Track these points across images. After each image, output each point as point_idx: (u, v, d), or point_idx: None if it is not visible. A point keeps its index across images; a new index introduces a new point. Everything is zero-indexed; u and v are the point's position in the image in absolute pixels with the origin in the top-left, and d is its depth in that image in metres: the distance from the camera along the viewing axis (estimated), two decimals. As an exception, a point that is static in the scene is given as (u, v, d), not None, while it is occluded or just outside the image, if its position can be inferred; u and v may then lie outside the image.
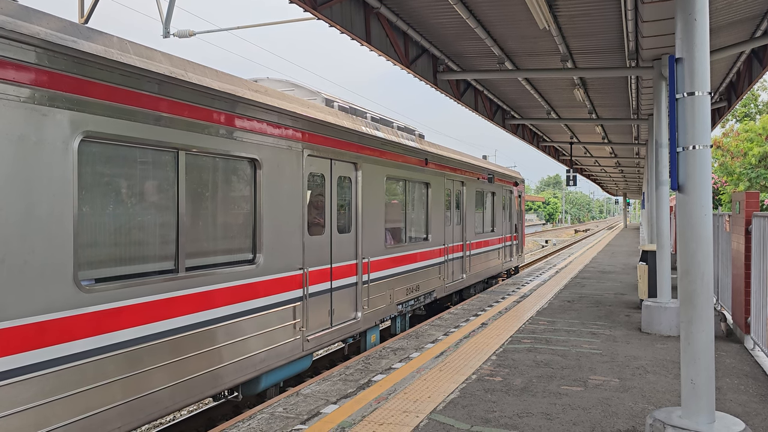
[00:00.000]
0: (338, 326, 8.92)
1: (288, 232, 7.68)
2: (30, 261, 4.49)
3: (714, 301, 11.13)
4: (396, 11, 10.23)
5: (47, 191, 4.62)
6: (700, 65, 4.76)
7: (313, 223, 8.38)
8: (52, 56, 4.65)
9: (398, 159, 11.17)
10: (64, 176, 4.76)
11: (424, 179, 12.55)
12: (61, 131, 4.74)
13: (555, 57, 12.13)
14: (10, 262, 4.35)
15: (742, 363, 8.13)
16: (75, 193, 4.85)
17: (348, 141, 9.24)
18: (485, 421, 5.94)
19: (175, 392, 5.81)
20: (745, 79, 13.72)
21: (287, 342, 7.64)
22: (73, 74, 4.83)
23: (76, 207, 4.85)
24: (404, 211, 11.69)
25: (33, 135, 4.52)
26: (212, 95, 6.35)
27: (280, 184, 7.50)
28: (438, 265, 13.26)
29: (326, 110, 8.93)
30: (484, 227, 17.10)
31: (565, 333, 10.02)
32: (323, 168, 8.64)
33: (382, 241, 10.49)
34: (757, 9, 9.35)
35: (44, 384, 4.54)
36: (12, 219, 4.37)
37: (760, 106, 36.53)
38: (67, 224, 4.77)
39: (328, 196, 8.79)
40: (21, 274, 4.41)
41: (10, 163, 4.37)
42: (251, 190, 7.09)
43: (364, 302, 9.68)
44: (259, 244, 7.15)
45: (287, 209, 7.66)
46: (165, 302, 5.72)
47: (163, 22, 15.04)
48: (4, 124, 4.32)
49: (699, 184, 4.80)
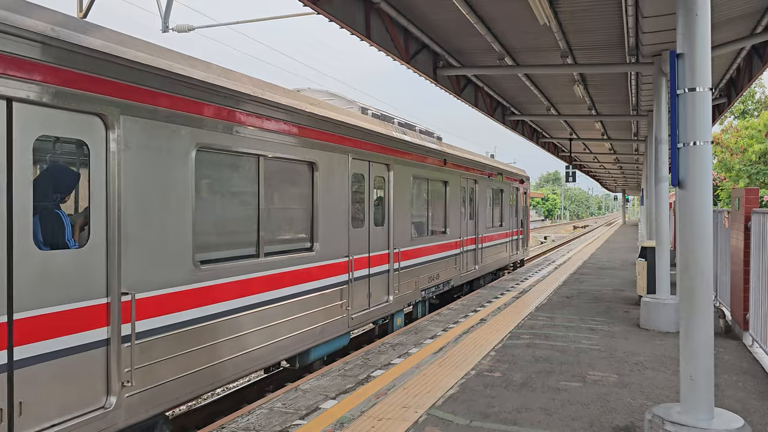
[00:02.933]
0: (375, 308, 10.12)
1: (337, 224, 8.91)
2: (171, 250, 5.74)
3: (712, 298, 11.14)
4: (396, 6, 10.19)
5: (176, 191, 5.83)
6: (701, 61, 4.75)
7: (355, 217, 9.53)
8: (189, 86, 5.98)
9: (422, 160, 12.36)
10: (186, 179, 5.94)
11: (443, 178, 13.69)
12: (185, 144, 5.94)
13: (555, 53, 12.10)
14: (154, 247, 5.55)
15: (740, 360, 8.15)
16: (193, 193, 6.03)
17: (382, 145, 10.46)
18: (484, 416, 5.95)
19: (262, 354, 7.11)
20: (745, 75, 13.70)
21: (336, 319, 8.82)
22: (194, 98, 6.05)
23: (193, 203, 6.03)
24: (427, 207, 12.88)
25: (167, 147, 5.71)
26: (283, 110, 7.51)
27: (331, 184, 8.73)
28: (454, 257, 14.38)
29: (363, 118, 10.17)
30: (493, 222, 18.19)
31: (564, 329, 10.03)
32: (363, 169, 9.86)
33: (410, 233, 11.70)
34: (758, 4, 9.33)
35: (181, 338, 5.89)
36: (157, 213, 5.61)
37: (756, 104, 36.52)
38: (188, 217, 5.96)
39: (366, 194, 10.00)
40: (168, 258, 5.70)
41: (155, 170, 5.58)
42: (310, 189, 8.31)
43: (395, 287, 10.87)
44: (316, 234, 8.37)
45: (336, 205, 8.89)
46: (249, 281, 6.89)
47: (162, 16, 15.00)
48: (152, 138, 5.52)
49: (699, 180, 4.79)
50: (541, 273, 18.70)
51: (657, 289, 10.40)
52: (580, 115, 19.80)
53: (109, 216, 5.14)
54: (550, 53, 12.30)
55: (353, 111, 10.41)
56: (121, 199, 5.22)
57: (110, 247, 5.13)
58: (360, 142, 9.58)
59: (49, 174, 4.97)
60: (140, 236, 5.43)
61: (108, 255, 5.13)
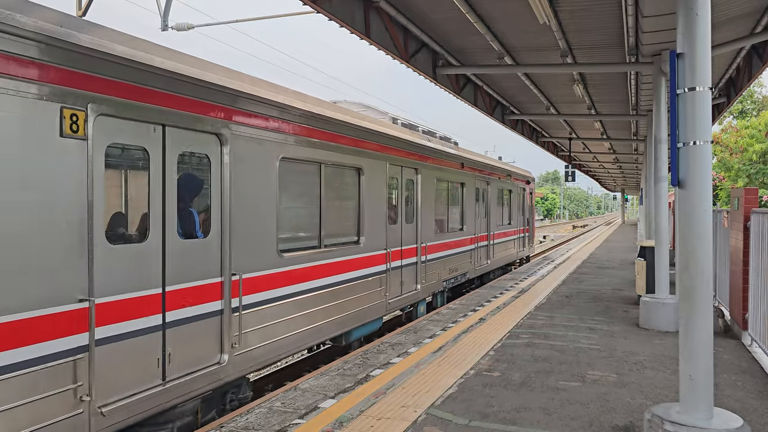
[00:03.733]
0: (406, 295, 11.50)
1: (377, 221, 10.29)
2: (263, 240, 7.14)
3: (712, 297, 11.14)
4: (396, 5, 10.18)
5: (266, 194, 7.20)
6: (701, 60, 4.75)
7: (390, 215, 10.89)
8: (276, 108, 7.35)
9: (444, 164, 13.79)
10: (272, 185, 7.28)
11: (461, 180, 15.11)
12: (272, 156, 7.28)
13: (555, 52, 12.09)
14: (252, 239, 6.95)
15: (739, 359, 8.15)
16: (277, 195, 7.37)
17: (412, 152, 11.86)
18: (483, 415, 5.94)
19: (322, 329, 8.49)
20: (744, 74, 13.69)
21: (376, 303, 10.19)
22: (279, 118, 7.42)
23: (277, 204, 7.37)
24: (447, 207, 14.29)
25: (260, 159, 7.05)
26: (340, 124, 8.89)
27: (373, 186, 10.06)
28: (470, 251, 15.80)
29: (395, 128, 11.50)
30: (503, 220, 19.64)
31: (564, 328, 10.03)
32: (397, 173, 11.21)
33: (434, 230, 13.06)
34: (757, 4, 9.33)
35: (271, 312, 7.28)
36: (254, 211, 6.94)
37: (755, 103, 36.52)
38: (274, 215, 7.33)
39: (399, 195, 11.41)
40: (261, 247, 7.11)
41: (252, 177, 6.90)
42: (357, 191, 9.70)
43: (422, 277, 12.23)
44: (362, 229, 9.73)
45: (377, 204, 10.26)
46: (314, 268, 8.29)
47: (161, 14, 14.98)
48: (250, 152, 6.88)
49: (699, 179, 4.78)
50: (540, 272, 18.70)
51: (656, 289, 10.40)
52: (579, 115, 19.80)
53: (223, 213, 6.49)
54: (550, 52, 12.29)
55: (386, 121, 11.78)
56: (230, 200, 6.55)
57: (223, 237, 6.48)
58: (395, 150, 11.04)
59: (185, 180, 6.14)
60: (243, 230, 6.76)
61: (222, 244, 6.47)
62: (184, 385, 5.87)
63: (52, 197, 4.70)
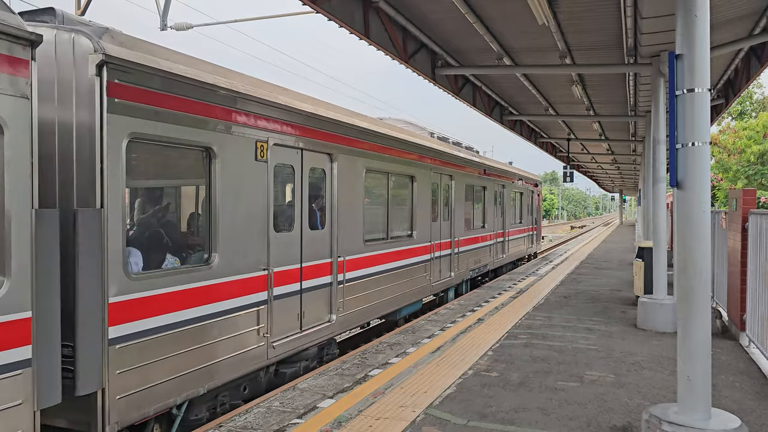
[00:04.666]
0: (444, 280, 13.82)
1: (425, 218, 12.62)
2: (354, 234, 9.42)
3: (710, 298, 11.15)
4: (395, 5, 10.18)
5: (357, 196, 9.50)
6: (700, 62, 4.76)
7: (433, 214, 13.10)
8: (363, 133, 9.67)
9: (471, 171, 16.12)
10: (360, 189, 9.60)
11: (483, 184, 17.39)
12: (361, 168, 9.64)
13: (554, 53, 12.10)
14: (349, 230, 9.23)
15: (737, 360, 8.17)
16: (363, 197, 9.67)
17: (448, 162, 14.22)
18: (482, 416, 5.95)
19: (390, 302, 10.83)
20: (743, 76, 13.71)
21: (423, 286, 12.45)
22: (364, 140, 9.70)
23: (363, 203, 9.67)
24: (473, 207, 16.57)
25: (355, 171, 9.44)
26: (403, 142, 11.31)
27: (421, 191, 12.41)
28: (489, 246, 18.09)
29: (434, 141, 13.77)
30: (515, 219, 21.99)
31: (562, 329, 10.04)
32: (437, 179, 13.48)
33: (464, 227, 15.36)
34: (756, 5, 9.35)
35: (360, 286, 9.62)
36: (350, 209, 9.26)
37: (754, 104, 36.56)
38: (361, 211, 9.61)
39: (439, 197, 13.64)
40: (355, 237, 9.45)
41: (349, 184, 9.19)
42: (410, 194, 12.02)
43: (455, 266, 14.58)
44: (414, 225, 12.09)
45: (424, 205, 12.61)
46: (382, 255, 10.55)
47: (160, 14, 14.97)
48: (348, 166, 9.19)
49: (698, 180, 4.79)
50: (538, 273, 18.72)
51: (654, 290, 10.41)
52: (578, 116, 19.80)
53: (333, 211, 8.77)
54: (549, 53, 12.30)
55: (425, 135, 13.89)
56: (337, 202, 8.84)
57: (333, 229, 8.78)
58: (437, 160, 13.35)
59: (312, 187, 8.34)
60: (344, 223, 9.05)
61: (331, 234, 8.76)
62: (311, 334, 8.18)
63: (256, 200, 7.06)
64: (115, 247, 5.19)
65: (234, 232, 6.64)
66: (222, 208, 6.45)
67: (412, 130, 13.25)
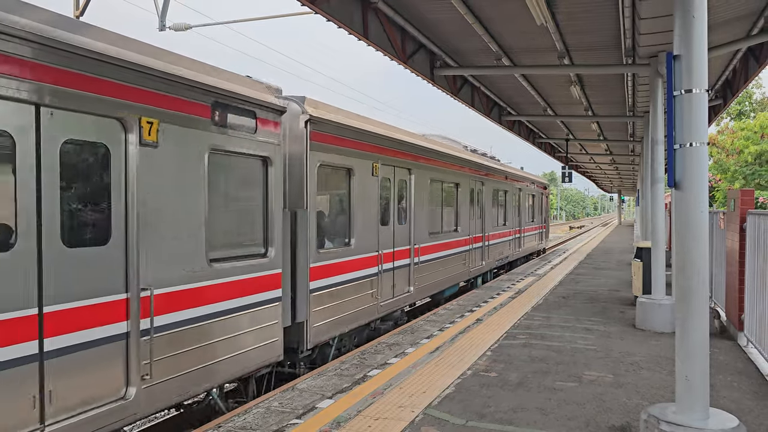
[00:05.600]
0: (477, 267, 17.01)
1: (465, 217, 16.04)
2: (423, 228, 12.54)
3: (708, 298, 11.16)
4: (394, 6, 10.18)
5: (426, 199, 12.48)
6: (698, 62, 4.77)
7: (471, 212, 16.41)
8: (433, 152, 13.34)
9: (496, 177, 19.60)
10: (426, 193, 12.54)
11: (505, 188, 20.92)
12: (428, 178, 12.80)
13: (552, 54, 12.10)
14: (423, 225, 12.54)
15: (735, 360, 8.18)
16: (428, 200, 12.70)
17: (481, 170, 17.61)
18: (480, 416, 5.96)
19: (440, 283, 13.81)
20: (741, 76, 13.73)
21: (462, 271, 15.74)
22: (432, 158, 12.98)
23: (428, 206, 12.73)
24: (497, 208, 19.86)
25: (426, 180, 12.60)
26: (451, 156, 14.59)
27: (462, 194, 15.82)
28: (509, 241, 21.59)
29: (470, 153, 17.47)
30: (529, 218, 25.58)
31: (560, 329, 10.05)
32: (474, 185, 16.89)
33: (491, 224, 18.76)
34: (754, 6, 9.36)
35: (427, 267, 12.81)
36: (423, 210, 12.46)
37: (754, 104, 36.60)
38: (427, 213, 12.52)
39: (475, 199, 16.98)
40: (424, 229, 12.61)
41: (423, 190, 12.39)
42: (455, 197, 15.28)
43: (486, 256, 17.99)
44: (459, 222, 15.54)
45: (465, 206, 16.05)
46: (439, 244, 13.70)
47: (159, 14, 14.96)
48: (424, 177, 12.54)
49: (696, 181, 4.80)
50: (537, 273, 18.73)
51: (653, 290, 10.42)
52: (576, 116, 19.81)
53: (410, 211, 11.83)
54: (548, 54, 12.30)
55: (460, 148, 17.36)
56: (414, 203, 11.86)
57: (411, 224, 11.76)
58: (473, 170, 16.81)
59: (398, 192, 11.21)
60: (418, 219, 12.16)
61: (410, 228, 11.90)
62: (399, 300, 11.34)
63: (372, 203, 10.27)
64: (312, 233, 8.38)
65: (362, 224, 9.93)
66: (356, 208, 9.74)
67: (450, 144, 16.51)
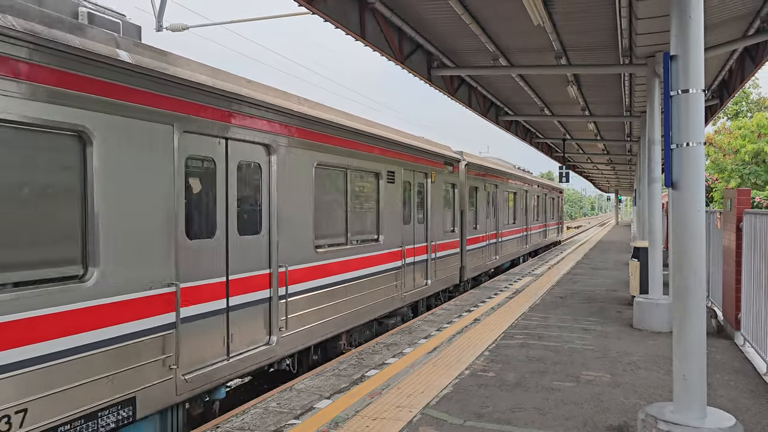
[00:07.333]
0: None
1: (521, 215, 23.87)
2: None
3: (705, 298, 11.18)
4: (390, 6, 10.19)
5: (485, 205, 18.79)
6: (694, 62, 4.78)
7: (525, 212, 24.02)
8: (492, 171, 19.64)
9: (535, 187, 26.46)
10: (486, 200, 18.83)
11: (537, 194, 27.77)
12: (492, 189, 19.61)
13: (549, 54, 12.13)
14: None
15: (732, 359, 8.20)
16: (489, 206, 19.25)
17: (527, 182, 25.43)
18: (478, 416, 5.96)
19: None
20: (737, 76, 13.77)
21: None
22: (494, 174, 19.82)
23: (486, 209, 18.81)
24: (535, 208, 26.81)
25: (487, 191, 19.14)
26: (511, 175, 22.57)
27: (519, 199, 23.44)
28: (539, 232, 29.03)
29: (516, 170, 24.48)
30: (552, 216, 33.75)
31: (558, 329, 10.06)
32: (523, 194, 23.89)
33: (532, 220, 25.79)
34: (751, 6, 9.39)
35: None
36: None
37: (751, 104, 36.68)
38: (484, 215, 18.54)
39: (524, 202, 23.73)
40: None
41: (482, 199, 18.52)
42: (514, 202, 22.71)
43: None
44: (515, 219, 23.04)
45: (521, 208, 23.57)
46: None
47: (155, 15, 14.94)
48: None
49: (693, 180, 4.81)
50: (534, 273, 18.75)
51: (650, 290, 10.42)
52: (573, 116, 19.85)
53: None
54: (545, 54, 12.32)
55: (510, 165, 24.29)
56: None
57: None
58: (525, 182, 24.30)
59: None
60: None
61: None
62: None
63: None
64: (467, 221, 16.20)
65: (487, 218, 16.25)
66: (480, 208, 16.33)
67: (507, 165, 23.65)
